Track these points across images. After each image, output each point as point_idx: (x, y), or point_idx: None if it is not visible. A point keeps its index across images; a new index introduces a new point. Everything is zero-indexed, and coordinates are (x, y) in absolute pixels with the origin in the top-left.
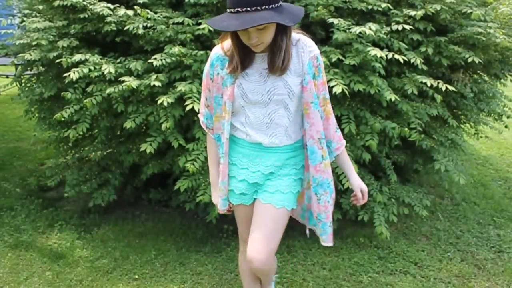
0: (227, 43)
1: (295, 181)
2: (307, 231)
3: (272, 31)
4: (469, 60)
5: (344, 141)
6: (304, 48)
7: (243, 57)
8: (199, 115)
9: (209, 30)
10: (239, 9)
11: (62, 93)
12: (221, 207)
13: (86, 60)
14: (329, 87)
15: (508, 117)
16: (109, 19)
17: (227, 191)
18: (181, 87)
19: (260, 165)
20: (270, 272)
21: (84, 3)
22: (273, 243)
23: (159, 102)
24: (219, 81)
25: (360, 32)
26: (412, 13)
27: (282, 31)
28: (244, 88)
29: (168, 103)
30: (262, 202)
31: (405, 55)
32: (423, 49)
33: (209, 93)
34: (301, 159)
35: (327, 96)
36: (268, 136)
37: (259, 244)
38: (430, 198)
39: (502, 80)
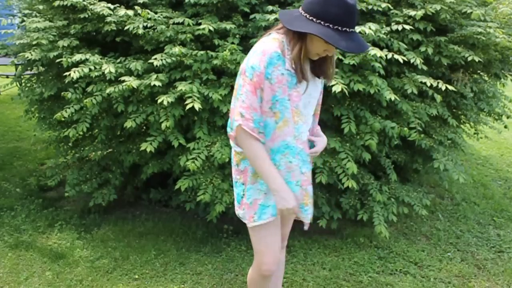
0: (279, 43)
1: None
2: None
3: None
4: (469, 59)
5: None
6: None
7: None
8: (242, 121)
9: (209, 30)
10: (347, 29)
11: (62, 93)
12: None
13: (86, 60)
14: (329, 86)
15: (508, 117)
16: (109, 19)
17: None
18: (181, 86)
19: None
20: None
21: (84, 3)
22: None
23: (159, 101)
24: (284, 82)
25: (359, 32)
26: (412, 13)
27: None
28: (300, 91)
29: (168, 102)
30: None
31: (404, 55)
32: (423, 49)
33: (260, 95)
34: None
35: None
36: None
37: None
38: (430, 197)
39: (502, 80)
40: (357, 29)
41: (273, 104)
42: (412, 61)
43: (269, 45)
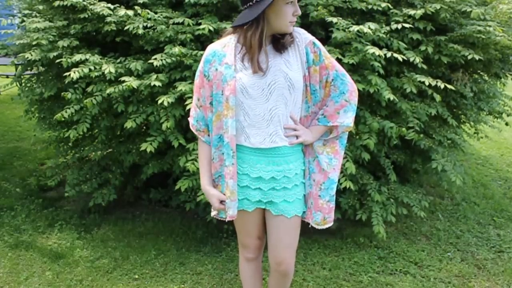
0: (222, 41)
1: (299, 186)
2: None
3: None
4: (469, 57)
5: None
6: (299, 37)
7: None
8: (189, 118)
9: (209, 30)
10: None
11: (62, 93)
12: (233, 212)
13: (86, 60)
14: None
15: (508, 115)
16: (109, 19)
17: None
18: (181, 87)
19: (261, 171)
20: (292, 274)
21: (84, 3)
22: (294, 247)
23: (159, 102)
24: (218, 77)
25: (358, 31)
26: (412, 12)
27: None
28: (244, 82)
29: (168, 103)
30: (272, 213)
31: (404, 55)
32: (423, 48)
33: (203, 93)
34: (301, 163)
35: (330, 78)
36: (268, 135)
37: (284, 252)
38: (429, 199)
39: (502, 80)
40: (356, 28)
41: (212, 99)
42: (411, 59)
43: (209, 46)
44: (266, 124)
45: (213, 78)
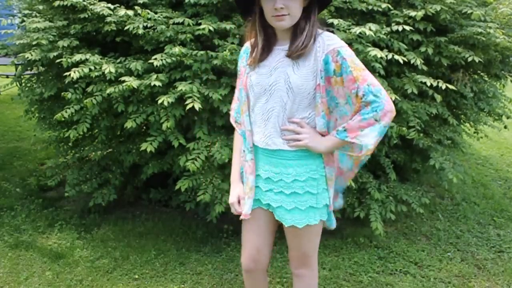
0: (252, 40)
1: (315, 195)
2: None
3: (300, 2)
4: (469, 59)
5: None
6: (322, 43)
7: (262, 49)
8: (230, 111)
9: (209, 30)
10: None
11: (62, 93)
12: (248, 210)
13: (86, 60)
14: None
15: (508, 117)
16: (109, 19)
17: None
18: (181, 87)
19: (260, 169)
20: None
21: (84, 3)
22: (314, 255)
23: (159, 102)
24: (243, 74)
25: (360, 33)
26: (412, 13)
27: (307, 15)
28: (252, 80)
29: (168, 103)
30: (285, 225)
31: (405, 56)
32: (423, 49)
33: (239, 86)
34: (308, 170)
35: (360, 93)
36: (265, 136)
37: (303, 263)
38: (430, 196)
39: (502, 81)
40: (357, 30)
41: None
42: (412, 61)
43: (247, 42)
44: (264, 124)
45: (240, 74)
